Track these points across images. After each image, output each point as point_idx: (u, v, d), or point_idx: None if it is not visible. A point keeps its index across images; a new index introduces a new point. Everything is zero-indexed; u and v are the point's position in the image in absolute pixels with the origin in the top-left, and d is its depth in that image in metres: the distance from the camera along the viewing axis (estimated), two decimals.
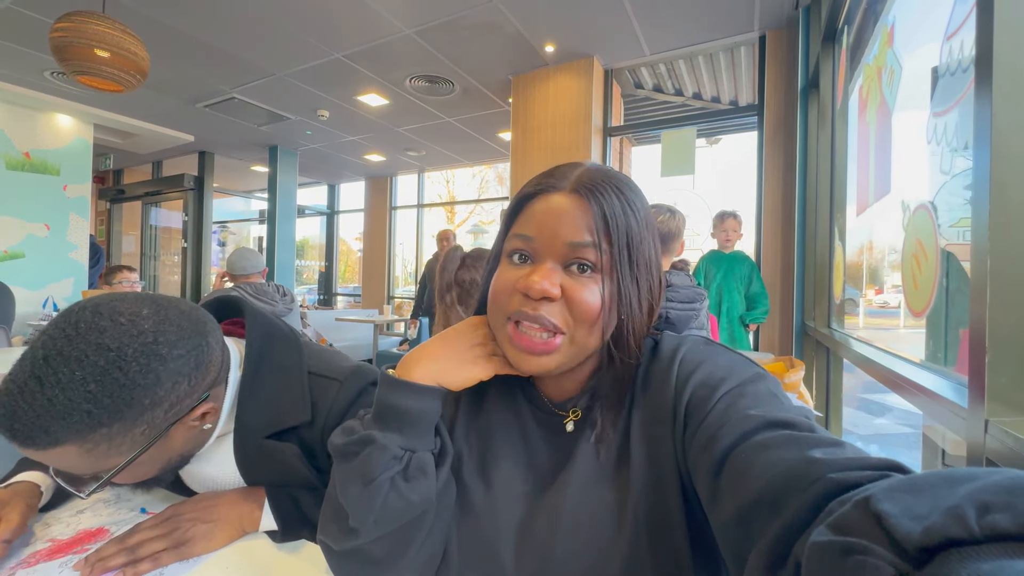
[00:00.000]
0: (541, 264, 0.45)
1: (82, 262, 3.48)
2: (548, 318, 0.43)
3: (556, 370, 0.46)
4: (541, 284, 0.43)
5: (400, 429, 0.45)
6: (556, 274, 0.44)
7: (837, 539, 0.22)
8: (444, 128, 4.86)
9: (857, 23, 1.88)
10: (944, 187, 0.98)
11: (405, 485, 0.43)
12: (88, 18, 2.13)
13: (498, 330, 0.47)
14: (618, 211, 0.45)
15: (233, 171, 6.76)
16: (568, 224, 0.44)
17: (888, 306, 1.73)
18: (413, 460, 0.44)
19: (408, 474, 0.44)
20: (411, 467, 0.44)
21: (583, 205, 0.44)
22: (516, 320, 0.45)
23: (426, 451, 0.46)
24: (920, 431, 1.72)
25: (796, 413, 0.37)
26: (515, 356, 0.46)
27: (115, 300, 0.53)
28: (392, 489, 0.43)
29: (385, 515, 0.43)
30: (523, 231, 0.46)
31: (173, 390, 0.53)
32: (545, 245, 0.45)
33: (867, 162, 1.60)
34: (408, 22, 2.98)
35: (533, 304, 0.44)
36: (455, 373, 0.47)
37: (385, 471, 0.43)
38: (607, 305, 0.44)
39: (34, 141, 3.23)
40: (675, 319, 0.91)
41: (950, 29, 0.92)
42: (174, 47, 3.30)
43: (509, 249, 0.47)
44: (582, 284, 0.44)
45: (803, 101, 2.64)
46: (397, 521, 0.44)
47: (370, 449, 0.43)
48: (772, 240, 2.95)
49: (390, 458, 0.43)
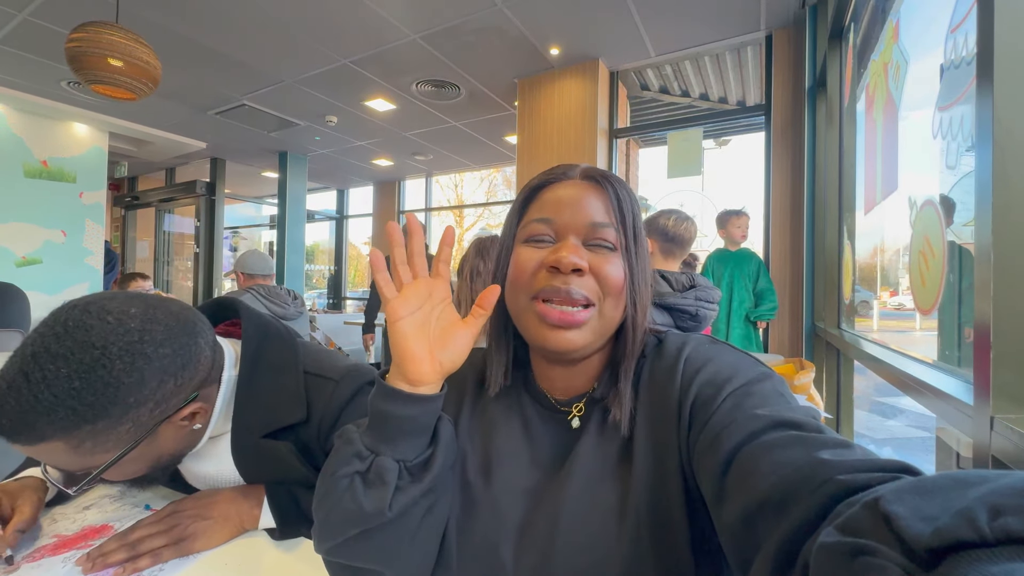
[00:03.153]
0: (565, 240, 0.46)
1: (97, 268, 3.55)
2: (579, 291, 0.45)
3: (582, 349, 0.46)
4: (571, 257, 0.44)
5: (374, 428, 0.44)
6: (582, 249, 0.46)
7: (846, 540, 0.22)
8: (451, 132, 4.89)
9: (864, 21, 1.86)
10: (957, 185, 0.96)
11: (362, 489, 0.42)
12: (102, 28, 2.19)
13: (522, 312, 0.48)
14: (627, 198, 0.48)
15: (244, 177, 6.85)
16: (588, 206, 0.47)
17: (903, 308, 1.70)
18: (376, 463, 0.42)
19: (367, 478, 0.42)
20: (372, 471, 0.42)
21: (599, 190, 0.48)
22: (544, 298, 0.45)
23: (392, 458, 0.43)
24: (934, 434, 1.68)
25: (803, 413, 0.37)
26: (543, 333, 0.45)
27: (105, 299, 0.54)
28: (348, 489, 0.42)
29: (334, 515, 0.42)
30: (542, 215, 0.48)
31: (159, 389, 0.54)
32: (567, 225, 0.47)
33: (874, 159, 1.58)
34: (414, 27, 3.00)
35: (563, 278, 0.45)
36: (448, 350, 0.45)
37: (347, 465, 0.42)
38: (627, 279, 0.47)
39: (51, 149, 3.31)
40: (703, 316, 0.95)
41: (954, 22, 0.90)
42: (186, 56, 3.37)
43: (526, 235, 0.48)
44: (605, 259, 0.46)
45: (811, 100, 2.61)
46: (346, 527, 0.42)
47: (342, 440, 0.45)
48: (781, 240, 2.91)
49: (353, 454, 0.43)
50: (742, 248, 2.78)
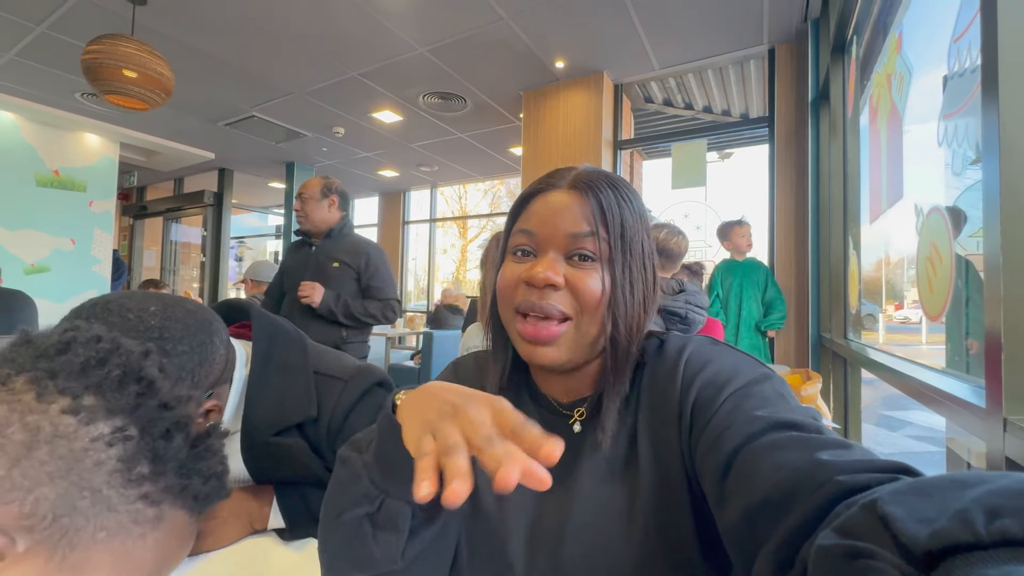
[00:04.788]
0: (544, 256, 0.46)
1: (105, 276, 3.58)
2: (555, 305, 0.45)
3: (566, 363, 0.46)
4: (545, 273, 0.45)
5: (382, 462, 0.40)
6: (559, 264, 0.46)
7: (843, 542, 0.22)
8: (456, 144, 4.94)
9: (867, 35, 1.88)
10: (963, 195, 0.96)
11: (371, 532, 0.40)
12: (117, 41, 2.24)
13: (508, 325, 0.49)
14: (612, 203, 0.47)
15: (251, 187, 6.92)
16: (568, 217, 0.46)
17: (909, 322, 1.69)
18: (386, 506, 0.40)
19: (377, 520, 0.40)
20: (381, 513, 0.40)
21: (581, 199, 0.47)
22: (523, 312, 0.46)
23: (404, 501, 0.40)
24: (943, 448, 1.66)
25: (803, 414, 0.37)
26: (525, 349, 0.46)
27: (124, 297, 0.55)
28: (357, 535, 0.40)
29: (340, 562, 0.41)
30: (525, 226, 0.48)
31: (176, 386, 0.54)
32: (547, 238, 0.47)
33: (879, 168, 1.59)
34: (421, 41, 3.06)
35: (539, 293, 0.45)
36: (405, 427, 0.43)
37: (354, 507, 0.40)
38: (607, 292, 0.46)
39: (63, 159, 3.36)
40: (692, 320, 0.96)
41: (956, 31, 0.92)
42: (198, 68, 3.43)
43: (512, 246, 0.49)
44: (584, 272, 0.46)
45: (814, 113, 2.63)
46: (354, 572, 0.41)
47: (346, 471, 0.42)
48: (785, 251, 2.91)
49: (361, 494, 0.40)
50: (749, 258, 2.78)
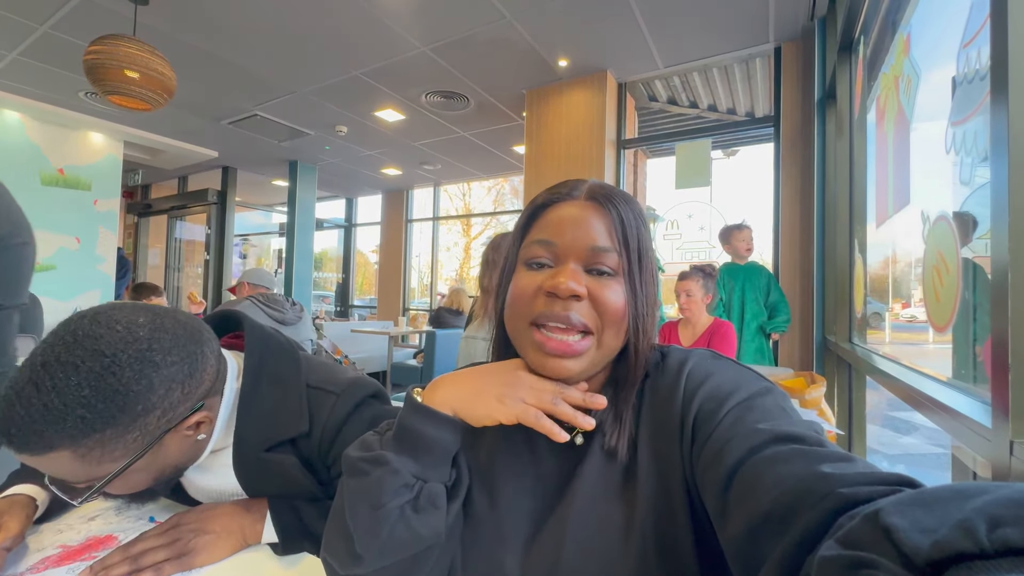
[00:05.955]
0: (563, 266, 0.45)
1: (109, 274, 3.59)
2: (578, 317, 0.44)
3: (578, 376, 0.45)
4: (568, 283, 0.43)
5: (415, 455, 0.43)
6: (581, 275, 0.45)
7: (846, 553, 0.22)
8: (459, 142, 4.93)
9: (874, 34, 1.85)
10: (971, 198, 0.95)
11: (414, 516, 0.42)
12: (119, 41, 2.24)
13: (520, 336, 0.47)
14: (631, 220, 0.46)
15: (255, 186, 6.95)
16: (590, 229, 0.46)
17: (916, 320, 1.68)
18: (424, 490, 0.43)
19: (418, 505, 0.42)
20: (422, 498, 0.43)
21: (602, 211, 0.46)
22: (541, 323, 0.45)
23: (439, 482, 0.44)
24: (949, 451, 1.64)
25: (804, 427, 0.37)
26: (540, 361, 0.45)
27: (113, 309, 0.55)
28: (400, 519, 0.41)
29: (390, 546, 0.42)
30: (543, 236, 0.47)
31: (166, 396, 0.54)
32: (567, 248, 0.46)
33: (886, 172, 1.57)
34: (424, 40, 3.04)
35: (562, 303, 0.44)
36: (474, 407, 0.45)
37: (394, 498, 0.42)
38: (629, 305, 0.45)
39: (68, 158, 3.37)
40: None
41: (966, 37, 0.90)
42: (201, 67, 3.43)
43: (527, 256, 0.47)
44: (605, 285, 0.45)
45: (820, 112, 2.60)
46: (402, 553, 0.42)
47: (382, 472, 0.42)
48: (790, 253, 2.89)
49: (400, 485, 0.42)
50: (751, 262, 2.76)
